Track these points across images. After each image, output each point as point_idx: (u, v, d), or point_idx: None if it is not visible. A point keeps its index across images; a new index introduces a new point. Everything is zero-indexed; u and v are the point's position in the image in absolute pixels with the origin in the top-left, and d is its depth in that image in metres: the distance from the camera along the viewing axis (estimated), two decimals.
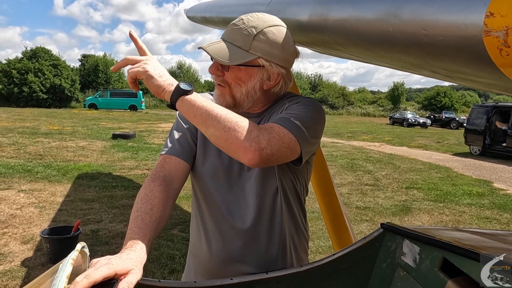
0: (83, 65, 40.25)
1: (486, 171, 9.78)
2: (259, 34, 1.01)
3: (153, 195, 0.95)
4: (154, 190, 0.97)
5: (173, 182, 1.02)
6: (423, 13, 0.61)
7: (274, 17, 1.07)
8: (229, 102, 1.05)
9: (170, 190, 1.00)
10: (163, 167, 1.04)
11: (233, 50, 1.00)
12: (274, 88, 1.07)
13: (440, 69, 0.69)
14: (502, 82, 0.60)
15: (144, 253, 0.82)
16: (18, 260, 3.46)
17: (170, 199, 0.99)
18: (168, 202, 0.97)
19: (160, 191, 0.97)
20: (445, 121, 29.35)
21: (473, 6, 0.52)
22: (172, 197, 1.01)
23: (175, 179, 1.03)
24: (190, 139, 1.10)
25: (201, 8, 3.16)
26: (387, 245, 1.16)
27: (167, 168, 1.04)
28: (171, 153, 1.07)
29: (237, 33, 1.02)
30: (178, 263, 3.49)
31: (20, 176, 6.55)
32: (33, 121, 16.38)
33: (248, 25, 1.01)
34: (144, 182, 1.01)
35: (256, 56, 1.00)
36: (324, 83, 52.04)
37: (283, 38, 1.03)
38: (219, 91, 1.06)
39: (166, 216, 0.96)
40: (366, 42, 0.83)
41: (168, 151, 1.08)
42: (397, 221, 5.25)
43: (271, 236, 1.09)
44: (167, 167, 1.04)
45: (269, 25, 1.03)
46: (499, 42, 0.48)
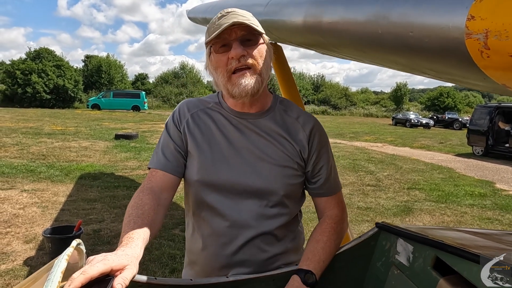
0: (86, 65, 40.46)
1: (489, 171, 9.75)
2: (253, 17, 1.06)
3: (143, 203, 0.97)
4: (143, 199, 0.98)
5: (162, 193, 1.04)
6: (410, 15, 0.63)
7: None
8: (258, 82, 1.02)
9: (160, 199, 1.01)
10: (150, 180, 1.06)
11: (253, 24, 1.01)
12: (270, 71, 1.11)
13: (428, 69, 0.71)
14: (487, 83, 0.62)
15: (139, 250, 0.84)
16: (21, 259, 3.49)
17: (161, 206, 1.01)
18: (159, 208, 0.99)
19: (150, 199, 0.99)
20: (448, 121, 29.26)
21: (455, 9, 0.53)
22: (163, 205, 1.02)
23: (163, 190, 1.05)
24: (176, 151, 1.09)
25: (202, 9, 3.18)
26: (382, 244, 1.17)
27: (154, 180, 1.06)
28: (156, 166, 1.08)
29: (239, 14, 1.03)
30: (179, 263, 3.51)
31: (23, 176, 6.59)
32: (36, 122, 16.47)
33: (242, 11, 1.05)
34: (133, 195, 1.02)
35: (264, 32, 1.05)
36: (327, 83, 51.97)
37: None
38: (241, 75, 1.01)
39: (158, 221, 0.97)
40: (357, 43, 0.85)
41: (154, 164, 1.09)
42: (398, 221, 5.25)
43: (268, 239, 1.09)
44: (154, 180, 1.06)
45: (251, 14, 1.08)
46: (480, 45, 0.50)
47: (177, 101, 40.55)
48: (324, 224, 1.12)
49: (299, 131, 1.10)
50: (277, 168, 1.07)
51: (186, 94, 41.20)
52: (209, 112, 1.13)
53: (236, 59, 0.99)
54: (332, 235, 1.09)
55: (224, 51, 1.01)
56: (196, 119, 1.12)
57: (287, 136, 1.09)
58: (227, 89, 1.04)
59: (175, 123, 1.12)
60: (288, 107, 1.14)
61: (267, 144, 1.08)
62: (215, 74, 1.06)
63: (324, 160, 1.13)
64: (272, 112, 1.11)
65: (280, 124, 1.10)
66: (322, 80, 52.74)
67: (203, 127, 1.11)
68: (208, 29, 1.05)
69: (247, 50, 1.00)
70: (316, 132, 1.12)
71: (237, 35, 1.00)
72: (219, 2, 2.63)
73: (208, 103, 1.15)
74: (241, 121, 1.09)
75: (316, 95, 48.12)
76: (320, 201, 1.16)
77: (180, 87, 42.68)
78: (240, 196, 1.07)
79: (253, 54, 1.01)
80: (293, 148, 1.09)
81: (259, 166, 1.07)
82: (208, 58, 1.07)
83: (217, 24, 1.01)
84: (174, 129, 1.12)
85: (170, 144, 1.10)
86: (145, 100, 30.31)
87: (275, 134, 1.09)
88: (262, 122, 1.09)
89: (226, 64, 1.01)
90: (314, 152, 1.11)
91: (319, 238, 1.09)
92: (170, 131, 1.12)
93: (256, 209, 1.07)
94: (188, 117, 1.12)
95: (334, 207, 1.15)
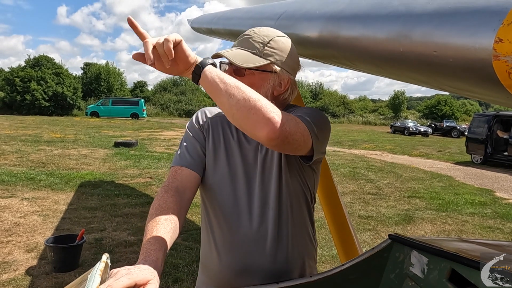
0: (85, 73, 40.54)
1: (488, 180, 9.78)
2: (271, 41, 1.08)
3: (167, 206, 0.98)
4: (168, 201, 0.99)
5: (185, 192, 1.05)
6: (434, 35, 0.64)
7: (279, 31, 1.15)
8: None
9: (183, 200, 1.03)
10: (175, 178, 1.07)
11: (248, 56, 1.06)
12: (284, 95, 1.12)
13: (449, 87, 0.72)
14: (509, 101, 0.63)
15: (161, 263, 0.85)
16: (23, 269, 3.46)
17: (183, 209, 1.02)
18: (181, 212, 1.00)
19: (174, 202, 1.00)
20: (446, 129, 29.39)
21: (482, 31, 0.55)
22: (185, 207, 1.03)
23: (187, 189, 1.06)
24: (200, 150, 1.13)
25: (206, 20, 3.21)
26: (395, 256, 1.18)
27: (179, 179, 1.07)
28: (182, 164, 1.10)
29: (250, 41, 1.08)
30: (182, 272, 3.50)
31: (23, 184, 6.57)
32: (35, 129, 16.45)
33: (260, 34, 1.09)
34: (158, 193, 1.04)
35: (269, 62, 1.06)
36: (325, 91, 52.23)
37: (290, 47, 1.11)
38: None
39: (179, 226, 0.99)
40: (376, 60, 0.86)
41: (179, 162, 1.11)
42: (400, 230, 5.25)
43: (281, 245, 1.11)
44: (179, 178, 1.07)
45: (278, 35, 1.11)
46: (508, 66, 0.51)
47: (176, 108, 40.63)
48: None
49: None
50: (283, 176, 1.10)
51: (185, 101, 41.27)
52: (226, 119, 1.15)
53: None
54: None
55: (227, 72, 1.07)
56: (215, 125, 1.16)
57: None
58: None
59: (198, 124, 1.17)
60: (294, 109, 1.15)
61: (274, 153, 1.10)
62: None
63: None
64: None
65: None
66: (321, 88, 53.00)
67: (222, 132, 1.15)
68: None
69: (239, 76, 1.06)
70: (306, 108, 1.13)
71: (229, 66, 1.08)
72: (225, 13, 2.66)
73: None
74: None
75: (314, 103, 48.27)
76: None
77: (179, 95, 42.74)
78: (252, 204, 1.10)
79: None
80: (295, 157, 1.10)
81: (267, 176, 1.10)
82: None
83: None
84: (196, 130, 1.16)
85: (195, 143, 1.14)
86: (144, 108, 30.32)
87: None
88: None
89: None
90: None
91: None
92: (193, 132, 1.16)
93: (267, 216, 1.09)
94: (208, 121, 1.17)
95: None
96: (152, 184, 7.19)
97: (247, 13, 2.07)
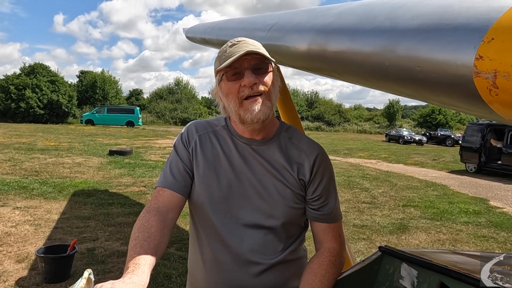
0: (81, 81, 40.53)
1: (482, 189, 9.83)
2: (261, 46, 1.08)
3: (149, 225, 0.97)
4: (150, 220, 0.98)
5: (168, 213, 1.04)
6: (418, 50, 0.65)
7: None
8: (269, 108, 1.05)
9: (166, 220, 1.01)
10: (157, 199, 1.06)
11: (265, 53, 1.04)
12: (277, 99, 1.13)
13: (434, 101, 0.73)
14: (492, 116, 0.64)
15: (146, 277, 0.83)
16: (13, 280, 3.41)
17: (167, 228, 1.00)
18: (164, 230, 0.99)
19: (156, 220, 0.98)
20: (441, 138, 29.59)
21: (463, 48, 0.55)
22: (168, 226, 1.02)
23: (170, 211, 1.05)
24: (184, 170, 1.10)
25: (200, 30, 3.23)
26: (386, 268, 1.17)
27: (160, 200, 1.06)
28: (164, 185, 1.08)
29: (250, 43, 1.06)
30: (175, 283, 3.46)
31: (16, 193, 6.50)
32: (29, 137, 16.34)
33: (251, 41, 1.08)
34: (140, 214, 1.02)
35: (273, 60, 1.08)
36: (321, 100, 52.52)
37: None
38: (253, 102, 1.03)
39: (164, 244, 0.97)
40: (362, 73, 0.87)
41: (163, 183, 1.09)
42: (394, 239, 5.24)
43: (272, 269, 1.09)
44: (161, 199, 1.06)
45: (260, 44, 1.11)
46: (489, 83, 0.52)
47: (171, 116, 40.63)
48: (322, 256, 1.10)
49: (303, 160, 1.11)
50: (276, 201, 1.08)
51: (180, 109, 41.29)
52: (216, 135, 1.14)
53: (249, 86, 1.02)
54: (330, 268, 1.08)
55: (236, 78, 1.03)
56: (204, 141, 1.13)
57: (288, 167, 1.09)
58: (239, 114, 1.05)
59: (183, 143, 1.14)
60: (293, 134, 1.15)
61: (268, 175, 1.09)
62: (225, 100, 1.07)
63: (327, 188, 1.13)
64: (277, 140, 1.12)
65: (283, 152, 1.11)
66: (316, 97, 53.31)
67: (211, 149, 1.12)
68: (219, 57, 1.07)
69: (259, 78, 1.03)
70: (320, 161, 1.13)
71: (249, 63, 1.02)
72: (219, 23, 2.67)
73: (216, 126, 1.16)
74: (246, 148, 1.10)
75: (310, 112, 48.50)
76: (318, 228, 1.14)
77: (174, 103, 42.78)
78: (242, 226, 1.08)
79: (264, 81, 1.04)
80: (294, 179, 1.09)
81: (259, 200, 1.08)
82: (218, 85, 1.09)
83: (229, 53, 1.03)
84: (183, 149, 1.13)
85: (179, 163, 1.11)
86: (139, 116, 30.29)
87: (277, 164, 1.09)
88: (265, 150, 1.10)
89: (238, 91, 1.03)
90: (317, 180, 1.11)
91: (317, 271, 1.07)
92: (179, 151, 1.13)
93: (257, 240, 1.08)
94: (196, 138, 1.14)
95: (332, 240, 1.13)
96: (147, 193, 7.14)
97: (239, 24, 2.08)
